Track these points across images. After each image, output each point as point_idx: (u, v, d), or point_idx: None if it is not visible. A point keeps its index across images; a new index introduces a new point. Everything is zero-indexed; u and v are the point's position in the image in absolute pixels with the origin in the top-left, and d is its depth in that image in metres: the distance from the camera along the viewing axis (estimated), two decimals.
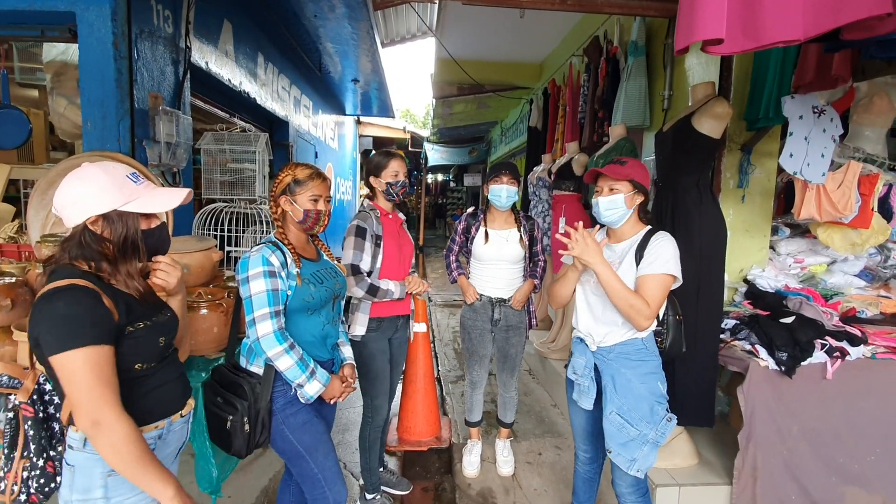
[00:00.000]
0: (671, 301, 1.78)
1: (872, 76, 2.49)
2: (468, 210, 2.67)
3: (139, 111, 2.68)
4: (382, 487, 2.45)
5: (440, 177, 19.31)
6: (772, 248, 2.73)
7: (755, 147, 2.57)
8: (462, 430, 3.07)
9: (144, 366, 1.16)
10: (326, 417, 1.79)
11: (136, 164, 2.20)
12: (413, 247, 2.39)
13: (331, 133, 8.31)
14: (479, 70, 5.97)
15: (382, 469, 2.53)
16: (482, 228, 2.46)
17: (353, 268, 2.07)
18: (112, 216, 1.12)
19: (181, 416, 1.28)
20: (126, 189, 1.13)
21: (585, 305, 1.82)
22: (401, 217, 2.33)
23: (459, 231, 2.57)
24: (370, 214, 2.16)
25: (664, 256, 1.63)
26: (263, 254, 1.52)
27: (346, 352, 1.85)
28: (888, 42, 1.52)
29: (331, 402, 1.69)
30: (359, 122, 10.94)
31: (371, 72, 6.59)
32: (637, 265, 1.67)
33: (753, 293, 2.56)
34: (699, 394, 2.22)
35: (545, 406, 3.58)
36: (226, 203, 3.26)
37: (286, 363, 1.50)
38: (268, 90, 5.01)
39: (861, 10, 1.23)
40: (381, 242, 2.15)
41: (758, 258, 2.69)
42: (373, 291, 2.09)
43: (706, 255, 2.17)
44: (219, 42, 3.82)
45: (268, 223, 3.26)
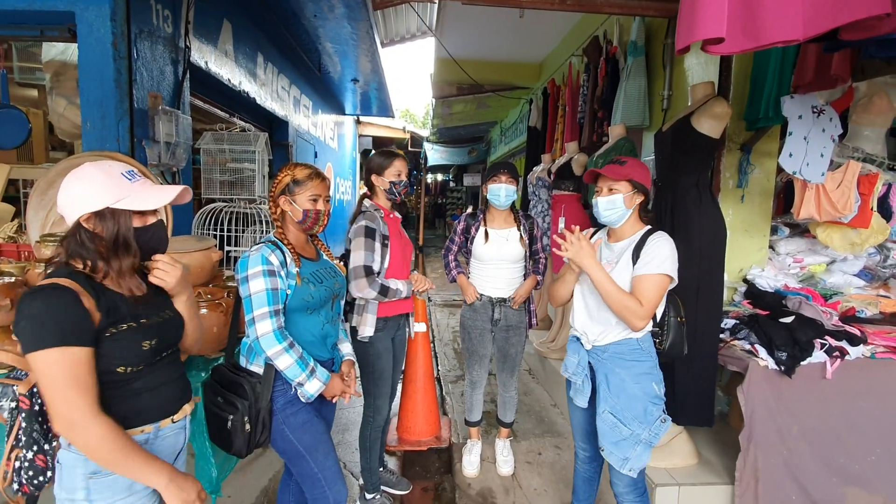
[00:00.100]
0: (674, 302, 1.78)
1: (872, 76, 2.49)
2: (467, 210, 2.67)
3: (138, 111, 2.68)
4: (382, 487, 2.45)
5: (440, 177, 19.32)
6: (771, 248, 2.73)
7: (755, 147, 2.57)
8: (462, 430, 3.07)
9: (129, 369, 1.13)
10: (326, 417, 1.80)
11: (136, 164, 2.20)
12: (412, 245, 2.39)
13: (330, 133, 8.31)
14: (479, 70, 5.97)
15: (382, 469, 2.54)
16: (482, 228, 2.46)
17: (367, 269, 2.03)
18: (104, 213, 1.11)
19: (172, 422, 1.24)
20: (120, 187, 1.12)
21: (582, 304, 1.83)
22: (398, 216, 2.33)
23: (459, 231, 2.57)
24: (376, 214, 2.15)
25: (660, 257, 1.63)
26: (263, 253, 1.52)
27: (346, 348, 1.84)
28: (887, 42, 1.52)
29: (332, 401, 1.69)
30: (358, 122, 10.95)
31: (371, 72, 6.59)
32: (634, 265, 1.67)
33: (753, 293, 2.56)
34: (699, 393, 2.22)
35: (545, 406, 3.58)
36: (225, 203, 3.26)
37: (286, 362, 1.50)
38: (267, 90, 5.01)
39: (860, 11, 1.23)
40: (388, 242, 2.15)
41: (757, 258, 2.69)
42: (384, 292, 2.07)
43: (706, 255, 2.17)
44: (218, 42, 3.82)
45: (267, 223, 3.26)
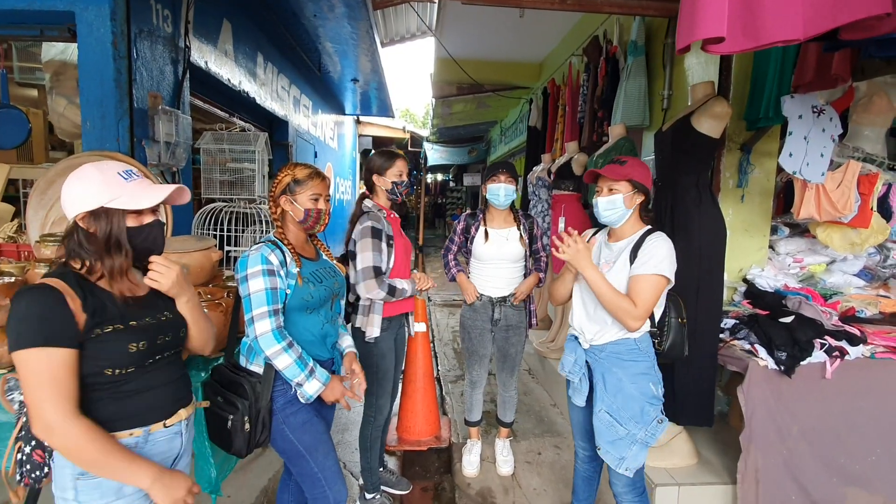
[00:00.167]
0: (675, 304, 1.77)
1: (872, 76, 2.49)
2: (467, 210, 2.67)
3: (138, 111, 2.68)
4: (382, 487, 2.45)
5: (440, 176, 19.32)
6: (771, 248, 2.73)
7: (755, 146, 2.57)
8: (461, 430, 3.07)
9: (117, 371, 1.11)
10: (326, 417, 1.80)
11: (136, 164, 2.20)
12: (411, 245, 2.40)
13: (330, 133, 8.31)
14: (479, 70, 5.97)
15: (382, 469, 2.54)
16: (482, 227, 2.46)
17: (376, 270, 2.04)
18: (99, 213, 1.11)
19: (165, 427, 1.21)
20: (115, 186, 1.12)
21: (580, 302, 1.83)
22: (396, 216, 2.34)
23: (458, 231, 2.57)
24: (380, 215, 2.16)
25: (657, 257, 1.63)
26: (262, 252, 1.52)
27: (347, 341, 1.83)
28: (887, 41, 1.52)
29: (331, 404, 1.67)
30: (358, 122, 10.95)
31: (370, 71, 6.59)
32: (631, 265, 1.67)
33: (753, 293, 2.56)
34: (698, 393, 2.22)
35: (545, 406, 3.58)
36: (225, 203, 3.26)
37: (284, 362, 1.50)
38: (267, 90, 5.01)
39: (860, 10, 1.23)
40: (393, 242, 2.16)
41: (757, 258, 2.69)
42: (392, 292, 2.08)
43: (705, 255, 2.17)
44: (218, 41, 3.82)
45: (267, 223, 3.26)
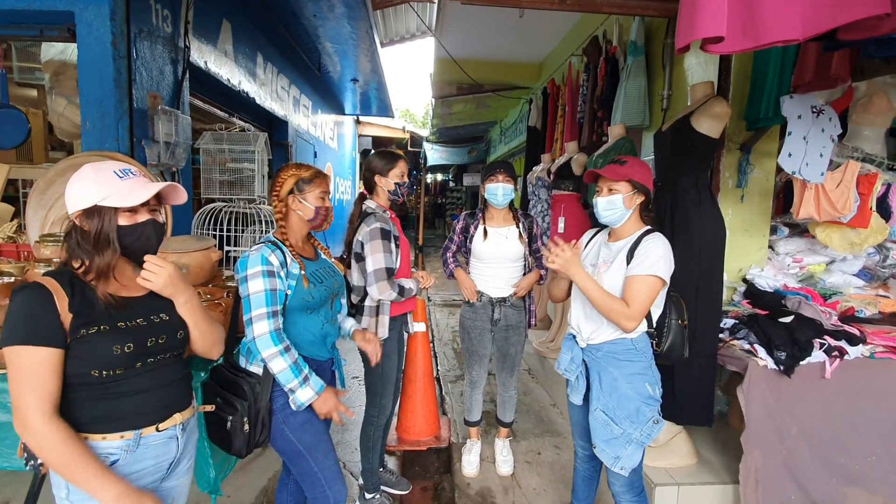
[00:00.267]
0: (677, 305, 1.77)
1: (871, 76, 2.49)
2: (466, 210, 2.68)
3: (138, 111, 2.68)
4: (382, 487, 2.46)
5: (439, 176, 19.31)
6: (771, 248, 2.73)
7: (754, 147, 2.57)
8: (461, 430, 3.07)
9: (104, 373, 1.10)
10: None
11: (136, 164, 2.20)
12: (409, 244, 2.41)
13: (330, 133, 8.31)
14: (479, 70, 5.97)
15: (382, 469, 2.54)
16: (480, 226, 2.47)
17: (388, 271, 2.05)
18: (92, 211, 1.12)
19: (157, 430, 1.19)
20: (108, 184, 1.13)
21: (579, 301, 1.83)
22: (395, 216, 2.35)
23: (458, 230, 2.57)
24: (385, 216, 2.17)
25: (652, 258, 1.63)
26: (263, 253, 1.52)
27: (349, 322, 1.89)
28: (887, 41, 1.52)
29: (322, 417, 1.60)
30: (358, 122, 10.95)
31: (370, 71, 6.59)
32: (628, 265, 1.67)
33: (752, 293, 2.56)
34: (698, 393, 2.22)
35: (544, 405, 3.58)
36: (225, 203, 3.26)
37: (279, 365, 1.49)
38: (267, 90, 5.01)
39: (860, 10, 1.23)
40: (399, 243, 2.18)
41: (757, 258, 2.69)
42: (401, 292, 2.10)
43: (705, 255, 2.17)
44: (218, 42, 3.81)
45: (267, 223, 3.26)
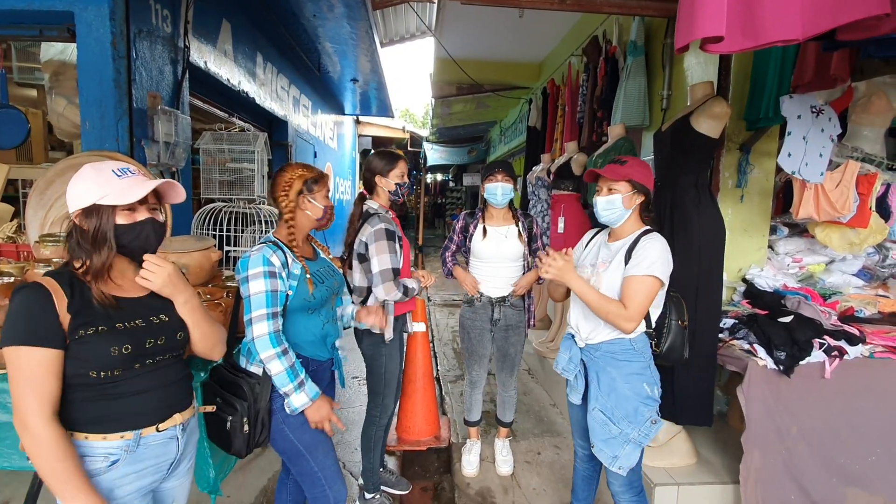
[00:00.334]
0: (677, 305, 1.77)
1: (871, 76, 2.49)
2: (466, 210, 2.68)
3: (138, 111, 2.68)
4: (382, 487, 2.46)
5: (439, 176, 19.31)
6: (770, 248, 2.73)
7: (754, 146, 2.57)
8: (461, 430, 3.07)
9: (102, 374, 1.10)
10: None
11: (135, 164, 2.20)
12: (409, 244, 2.41)
13: (330, 133, 8.30)
14: (479, 70, 5.97)
15: (382, 469, 2.53)
16: (480, 225, 2.47)
17: (395, 271, 2.07)
18: (90, 210, 1.12)
19: (157, 431, 1.20)
20: (105, 183, 1.13)
21: (578, 301, 1.83)
22: (395, 216, 2.36)
23: (457, 230, 2.57)
24: (388, 216, 2.18)
25: (649, 258, 1.62)
26: (264, 254, 1.52)
27: (350, 308, 1.93)
28: (886, 41, 1.52)
29: (314, 427, 1.59)
30: (358, 122, 10.94)
31: (370, 71, 6.59)
32: (626, 265, 1.67)
33: (752, 292, 2.56)
34: (698, 393, 2.22)
35: (544, 405, 3.58)
36: (225, 203, 3.26)
37: (276, 368, 1.49)
38: (267, 90, 5.01)
39: (860, 11, 1.23)
40: (402, 243, 2.19)
41: (756, 257, 2.69)
42: (406, 292, 2.12)
43: (705, 255, 2.17)
44: (217, 42, 3.81)
45: (268, 223, 3.26)
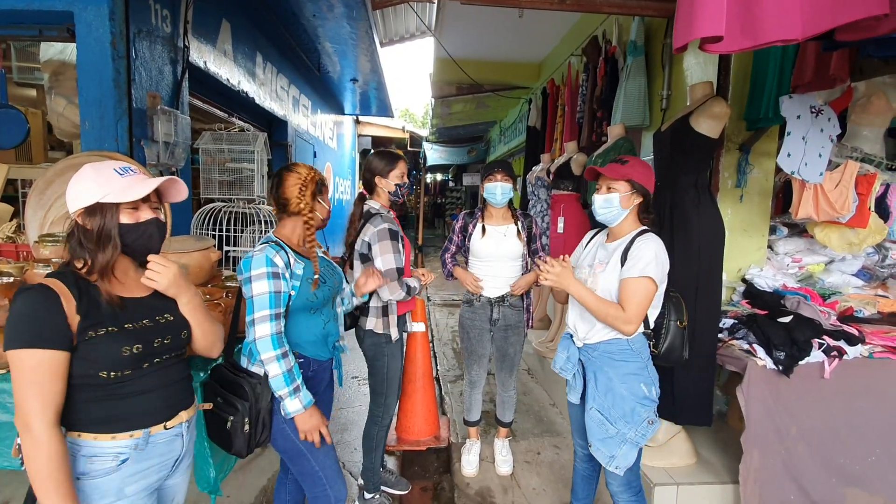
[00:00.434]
0: (677, 306, 1.77)
1: (870, 76, 2.48)
2: (466, 210, 2.68)
3: (137, 111, 2.68)
4: (381, 487, 2.46)
5: (439, 176, 19.32)
6: (770, 248, 2.73)
7: (753, 147, 2.57)
8: (461, 430, 3.07)
9: (112, 374, 1.11)
10: (324, 414, 1.80)
11: (135, 164, 2.20)
12: (409, 244, 2.42)
13: (329, 132, 8.30)
14: (478, 70, 5.97)
15: (381, 469, 2.54)
16: (479, 224, 2.48)
17: (399, 271, 2.09)
18: (94, 208, 1.12)
19: (165, 428, 1.21)
20: (108, 182, 1.13)
21: (575, 301, 1.83)
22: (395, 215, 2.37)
23: (457, 230, 2.57)
24: (389, 216, 2.19)
25: (644, 260, 1.63)
26: (267, 254, 1.51)
27: (347, 289, 1.95)
28: (886, 41, 1.52)
29: (302, 436, 1.57)
30: (357, 122, 10.94)
31: (370, 71, 6.59)
32: (622, 266, 1.68)
33: (751, 292, 2.56)
34: (697, 393, 2.22)
35: (544, 405, 3.58)
36: (224, 203, 3.26)
37: (274, 370, 1.49)
38: (266, 90, 5.01)
39: (859, 11, 1.23)
40: (403, 242, 2.20)
41: (756, 258, 2.70)
42: (408, 291, 2.14)
43: (704, 255, 2.17)
44: (217, 41, 3.81)
45: (268, 223, 3.26)
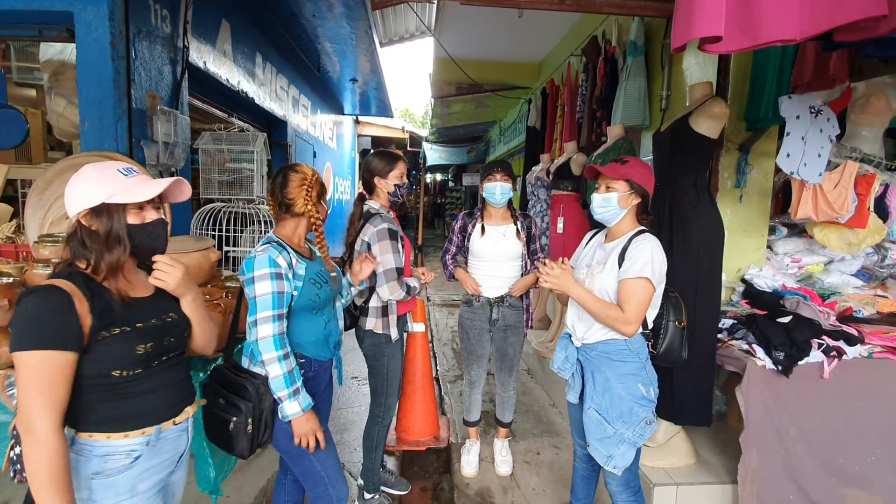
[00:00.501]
0: (675, 306, 1.77)
1: (870, 76, 2.48)
2: (465, 210, 2.69)
3: (137, 111, 2.67)
4: (381, 487, 2.46)
5: (439, 176, 19.32)
6: (769, 248, 2.73)
7: (753, 147, 2.57)
8: (460, 430, 3.07)
9: (125, 373, 1.13)
10: (323, 414, 1.80)
11: (135, 164, 2.20)
12: (409, 243, 2.42)
13: (329, 133, 8.30)
14: (478, 70, 5.97)
15: (381, 469, 2.54)
16: (478, 224, 2.48)
17: (399, 271, 2.10)
18: (100, 209, 1.12)
19: (174, 424, 1.24)
20: (113, 182, 1.13)
21: (574, 301, 1.83)
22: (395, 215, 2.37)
23: (456, 230, 2.57)
24: (389, 216, 2.19)
25: (641, 260, 1.63)
26: (270, 255, 1.51)
27: (343, 281, 1.96)
28: (885, 41, 1.52)
29: (297, 440, 1.56)
30: (357, 122, 10.93)
31: (369, 71, 6.59)
32: (620, 267, 1.68)
33: (751, 293, 2.56)
34: (697, 393, 2.23)
35: (543, 405, 3.58)
36: (224, 203, 3.26)
37: (274, 371, 1.49)
38: (266, 90, 5.00)
39: (857, 12, 1.24)
40: (403, 243, 2.20)
41: (755, 258, 2.70)
42: (408, 291, 2.14)
43: (704, 255, 2.17)
44: (217, 42, 3.81)
45: (268, 223, 3.25)
